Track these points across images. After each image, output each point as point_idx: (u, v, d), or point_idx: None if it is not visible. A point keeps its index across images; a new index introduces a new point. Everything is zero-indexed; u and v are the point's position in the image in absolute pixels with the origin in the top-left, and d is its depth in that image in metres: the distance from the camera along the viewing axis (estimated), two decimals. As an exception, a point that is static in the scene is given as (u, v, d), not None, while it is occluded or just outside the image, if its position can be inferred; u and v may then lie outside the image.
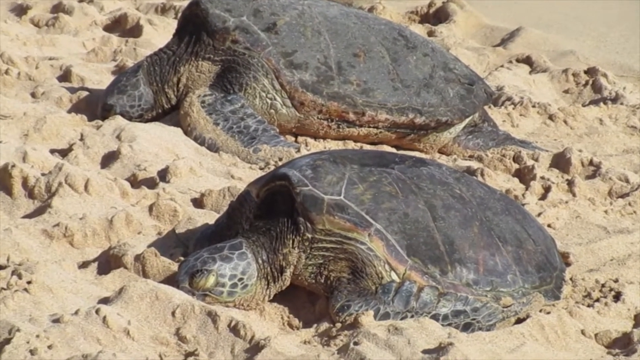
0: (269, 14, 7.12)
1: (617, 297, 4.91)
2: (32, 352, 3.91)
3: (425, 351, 4.11)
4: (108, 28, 9.31)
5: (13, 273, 4.62)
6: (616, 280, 5.16)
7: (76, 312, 4.17)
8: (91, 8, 9.28)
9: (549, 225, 5.84)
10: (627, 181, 6.79)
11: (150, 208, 5.76)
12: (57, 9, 9.35)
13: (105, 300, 4.47)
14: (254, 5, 7.24)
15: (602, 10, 11.11)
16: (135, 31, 9.00)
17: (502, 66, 8.81)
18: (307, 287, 4.69)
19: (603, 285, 5.11)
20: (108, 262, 5.04)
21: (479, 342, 4.26)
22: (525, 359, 4.27)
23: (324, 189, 4.58)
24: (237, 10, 7.15)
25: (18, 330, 3.99)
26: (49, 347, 3.98)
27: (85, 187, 5.80)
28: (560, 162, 6.88)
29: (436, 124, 7.08)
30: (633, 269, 5.44)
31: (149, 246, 5.10)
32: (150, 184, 6.15)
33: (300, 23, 7.15)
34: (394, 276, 4.55)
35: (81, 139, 6.57)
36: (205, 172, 6.48)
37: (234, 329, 4.23)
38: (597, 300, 4.94)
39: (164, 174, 6.27)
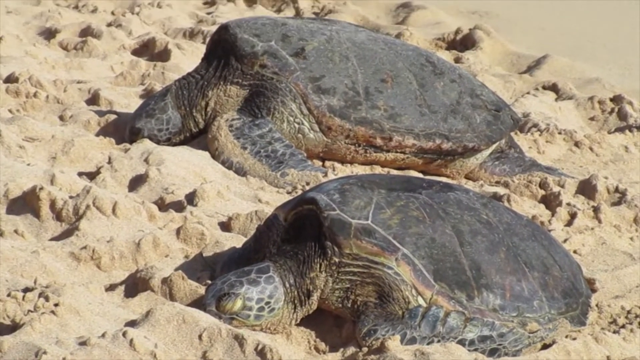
0: (297, 39, 7.12)
1: None
2: None
3: None
4: (136, 52, 9.30)
5: (40, 295, 4.63)
6: None
7: (103, 335, 4.16)
8: (119, 32, 9.48)
9: (574, 252, 5.82)
10: None
11: (178, 231, 5.75)
12: (86, 32, 9.42)
13: (132, 323, 4.49)
14: (282, 30, 7.24)
15: (628, 38, 11.07)
16: (163, 55, 8.96)
17: (528, 93, 8.79)
18: (334, 311, 4.70)
19: (629, 312, 5.12)
20: (135, 285, 5.05)
21: None
22: None
23: (351, 213, 4.60)
24: (265, 35, 7.14)
25: (45, 352, 3.99)
26: None
27: (113, 210, 5.80)
28: (586, 188, 6.82)
29: (463, 149, 7.03)
30: None
31: (176, 269, 5.10)
32: (178, 207, 6.15)
33: (328, 48, 7.13)
34: (421, 301, 4.57)
35: (109, 162, 6.57)
36: (232, 196, 6.44)
37: (261, 352, 4.23)
38: (623, 326, 4.93)
39: (191, 198, 6.27)
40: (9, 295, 4.77)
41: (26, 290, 4.81)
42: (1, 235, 5.66)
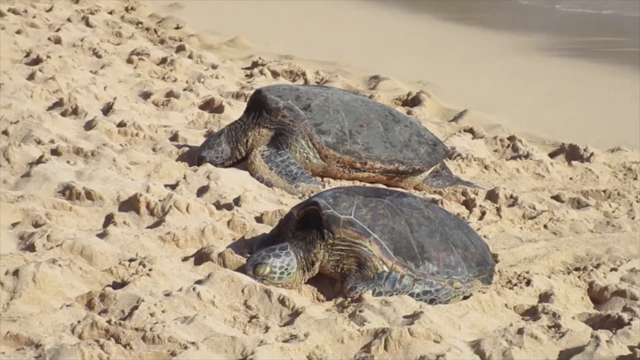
0: (306, 98, 7.28)
1: (528, 283, 5.11)
2: (151, 314, 4.21)
3: (404, 317, 4.39)
4: (202, 107, 9.46)
5: (140, 264, 4.91)
6: (527, 272, 5.35)
7: (180, 289, 4.49)
8: (191, 94, 9.74)
9: (484, 236, 5.85)
10: (534, 208, 6.24)
11: (228, 223, 5.82)
12: (169, 94, 9.57)
13: (199, 282, 4.73)
14: (296, 93, 7.45)
15: (522, 94, 11.47)
16: (219, 109, 9.13)
17: (454, 134, 8.90)
18: (329, 275, 4.87)
19: (519, 276, 5.28)
20: (201, 257, 5.25)
21: (439, 311, 4.56)
22: (469, 322, 4.50)
23: (340, 211, 4.86)
24: (285, 96, 7.29)
25: (143, 300, 4.32)
26: (162, 311, 4.30)
27: (187, 208, 5.92)
28: (492, 196, 6.64)
29: (412, 170, 7.07)
30: (538, 265, 5.68)
31: (227, 247, 5.29)
32: (228, 207, 6.20)
33: (325, 104, 7.27)
34: (385, 268, 4.78)
35: (184, 178, 6.33)
36: (263, 200, 6.56)
37: (282, 301, 4.49)
38: (515, 284, 5.14)
39: (237, 201, 6.36)
40: (119, 263, 5.01)
41: (130, 260, 5.04)
42: (115, 225, 5.64)
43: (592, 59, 13.65)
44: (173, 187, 6.36)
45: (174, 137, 7.89)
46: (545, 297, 4.98)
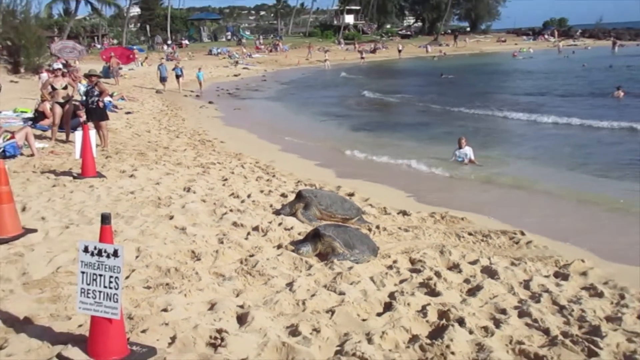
0: (315, 194, 7.07)
1: (389, 256, 5.52)
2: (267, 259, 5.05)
3: (347, 267, 4.87)
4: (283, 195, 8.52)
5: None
6: (389, 254, 5.60)
7: (269, 259, 5.16)
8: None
9: (375, 240, 5.91)
10: (397, 229, 6.61)
11: (288, 234, 6.10)
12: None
13: (280, 254, 5.32)
14: (313, 192, 7.20)
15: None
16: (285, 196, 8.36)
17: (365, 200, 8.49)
18: (322, 253, 5.28)
19: (386, 254, 5.56)
20: (279, 246, 5.64)
21: (358, 265, 4.99)
22: (368, 270, 5.03)
23: (326, 231, 5.26)
24: (307, 191, 7.18)
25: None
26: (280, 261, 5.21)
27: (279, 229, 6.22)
28: (378, 227, 6.57)
29: (350, 217, 6.94)
30: (394, 252, 5.74)
31: (289, 243, 5.75)
32: (290, 229, 6.35)
33: (322, 195, 7.16)
34: (341, 251, 5.15)
35: (275, 220, 6.62)
36: (301, 227, 6.40)
37: (306, 262, 5.04)
38: (383, 257, 5.48)
39: (292, 227, 6.40)
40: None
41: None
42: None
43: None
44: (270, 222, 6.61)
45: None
46: (395, 262, 5.42)
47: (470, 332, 3.75)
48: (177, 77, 29.89)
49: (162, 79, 29.94)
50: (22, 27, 23.94)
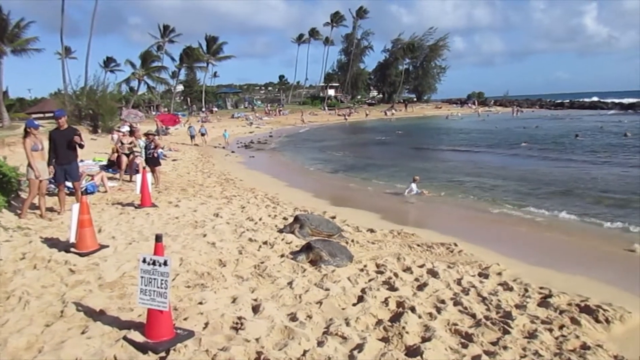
0: (307, 217, 6.72)
1: (362, 262, 5.21)
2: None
3: (332, 271, 4.66)
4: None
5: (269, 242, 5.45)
6: (360, 260, 5.34)
7: (274, 260, 5.14)
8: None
9: (350, 249, 5.63)
10: (369, 242, 6.36)
11: (289, 246, 5.79)
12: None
13: (283, 260, 5.11)
14: (306, 216, 6.84)
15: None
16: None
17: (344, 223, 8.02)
18: (313, 259, 5.00)
19: (360, 261, 5.28)
20: (284, 255, 5.35)
21: (339, 269, 4.80)
22: (346, 272, 4.68)
23: (316, 245, 5.01)
24: (303, 216, 6.80)
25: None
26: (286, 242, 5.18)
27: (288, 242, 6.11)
28: (352, 240, 6.23)
29: (333, 234, 6.54)
30: (366, 257, 5.50)
31: (288, 252, 5.54)
32: (290, 243, 6.01)
33: (313, 218, 6.78)
34: (327, 259, 4.86)
35: (281, 239, 6.30)
36: (298, 241, 6.04)
37: (301, 267, 4.89)
38: (357, 262, 5.24)
39: (291, 242, 6.05)
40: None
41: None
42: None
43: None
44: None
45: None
46: (365, 267, 5.10)
47: (420, 317, 3.72)
48: (202, 134, 29.67)
49: (192, 137, 29.46)
50: (100, 101, 24.68)
